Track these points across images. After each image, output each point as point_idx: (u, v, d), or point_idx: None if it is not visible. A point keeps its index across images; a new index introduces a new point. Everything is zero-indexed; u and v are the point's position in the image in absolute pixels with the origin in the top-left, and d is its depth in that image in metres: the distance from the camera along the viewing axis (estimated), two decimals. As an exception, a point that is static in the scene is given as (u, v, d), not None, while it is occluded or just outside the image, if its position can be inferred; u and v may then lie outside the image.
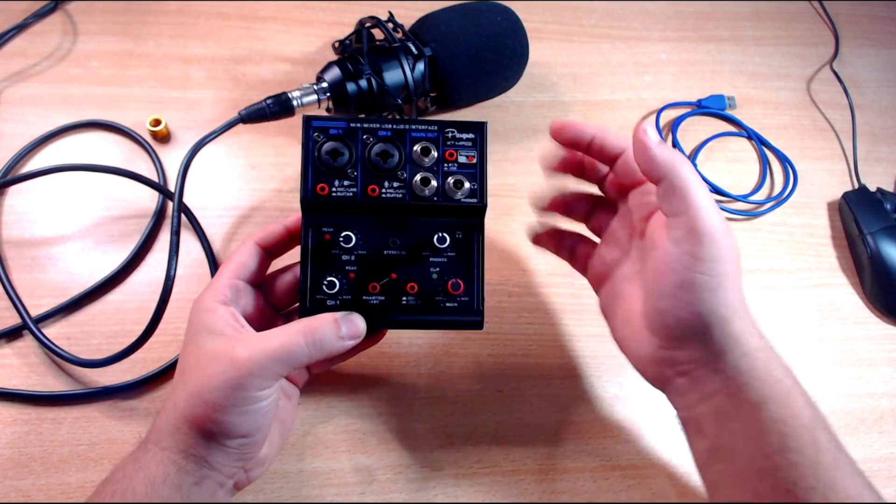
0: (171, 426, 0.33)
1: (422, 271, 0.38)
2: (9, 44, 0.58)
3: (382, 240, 0.38)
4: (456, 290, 0.37)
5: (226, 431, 0.32)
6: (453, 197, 0.37)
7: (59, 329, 0.46)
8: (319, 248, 0.37)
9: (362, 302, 0.37)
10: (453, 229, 0.38)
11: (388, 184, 0.37)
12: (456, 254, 0.38)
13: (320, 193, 0.37)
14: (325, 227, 0.37)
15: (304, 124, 0.37)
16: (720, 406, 0.34)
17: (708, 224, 0.32)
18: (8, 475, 0.40)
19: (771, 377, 0.33)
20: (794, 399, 0.33)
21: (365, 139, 0.37)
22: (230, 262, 0.38)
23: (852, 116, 0.62)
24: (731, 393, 0.33)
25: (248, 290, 0.38)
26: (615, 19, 0.66)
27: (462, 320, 0.38)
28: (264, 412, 0.33)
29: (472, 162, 0.38)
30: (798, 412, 0.32)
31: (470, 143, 0.38)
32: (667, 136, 0.59)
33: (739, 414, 0.33)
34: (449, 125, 0.38)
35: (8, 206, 0.50)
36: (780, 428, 0.32)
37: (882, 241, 0.52)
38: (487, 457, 0.43)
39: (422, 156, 0.37)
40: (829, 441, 0.32)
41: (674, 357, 0.34)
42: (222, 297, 0.36)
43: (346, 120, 0.37)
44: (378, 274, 0.37)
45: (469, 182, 0.37)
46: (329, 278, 0.37)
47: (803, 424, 0.32)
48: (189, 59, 0.58)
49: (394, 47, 0.50)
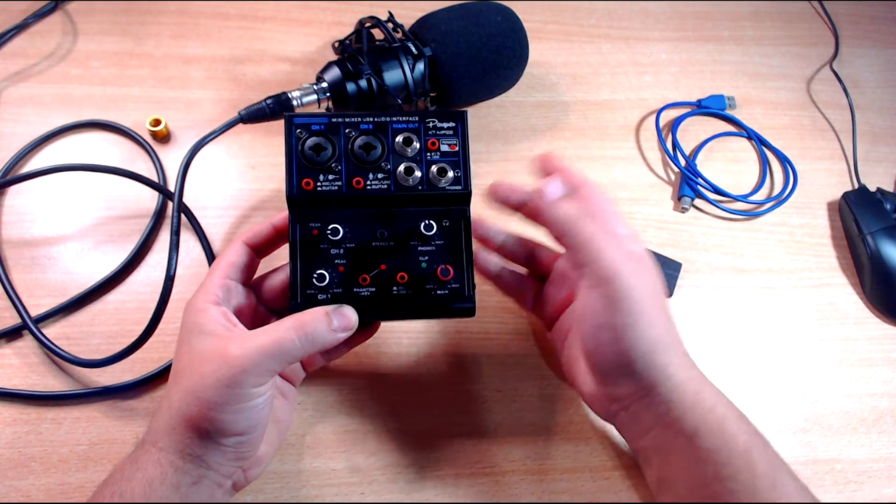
0: (167, 426, 0.33)
1: (411, 260, 0.38)
2: (9, 44, 0.58)
3: (370, 231, 0.38)
4: (445, 275, 0.38)
5: (222, 430, 0.33)
6: (438, 185, 0.38)
7: (59, 329, 0.46)
8: (307, 243, 0.37)
9: (353, 294, 0.37)
10: (440, 217, 0.38)
11: (373, 175, 0.38)
12: (444, 241, 0.38)
13: (305, 188, 0.37)
14: (313, 221, 0.38)
15: (285, 122, 0.37)
16: (658, 439, 0.35)
17: (612, 270, 0.34)
18: (8, 475, 0.40)
19: (702, 407, 0.34)
20: (727, 426, 0.34)
21: (347, 133, 0.38)
22: (220, 262, 0.38)
23: (852, 116, 0.62)
24: (667, 425, 0.35)
25: (240, 290, 0.38)
26: (615, 19, 0.66)
27: (454, 307, 0.38)
28: (259, 409, 0.34)
29: (455, 150, 0.38)
30: (731, 439, 0.33)
31: (451, 132, 0.38)
32: (667, 137, 0.59)
33: (675, 446, 0.34)
34: (430, 115, 0.38)
35: (8, 206, 0.50)
36: (714, 457, 0.33)
37: (882, 241, 0.52)
38: (487, 457, 0.43)
39: (404, 146, 0.38)
40: (767, 464, 0.33)
41: (612, 393, 0.36)
42: (214, 298, 0.36)
43: (328, 115, 0.38)
44: (367, 266, 0.37)
45: (452, 170, 0.38)
46: (319, 272, 0.37)
47: (737, 451, 0.33)
48: (189, 59, 0.58)
49: (394, 47, 0.50)
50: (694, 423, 0.34)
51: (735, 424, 0.34)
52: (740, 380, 0.48)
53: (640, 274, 0.34)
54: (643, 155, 0.58)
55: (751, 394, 0.48)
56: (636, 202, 0.55)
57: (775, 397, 0.48)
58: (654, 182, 0.57)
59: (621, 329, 0.34)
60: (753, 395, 0.47)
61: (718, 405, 0.35)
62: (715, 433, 0.33)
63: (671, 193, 0.56)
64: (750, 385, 0.48)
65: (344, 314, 0.35)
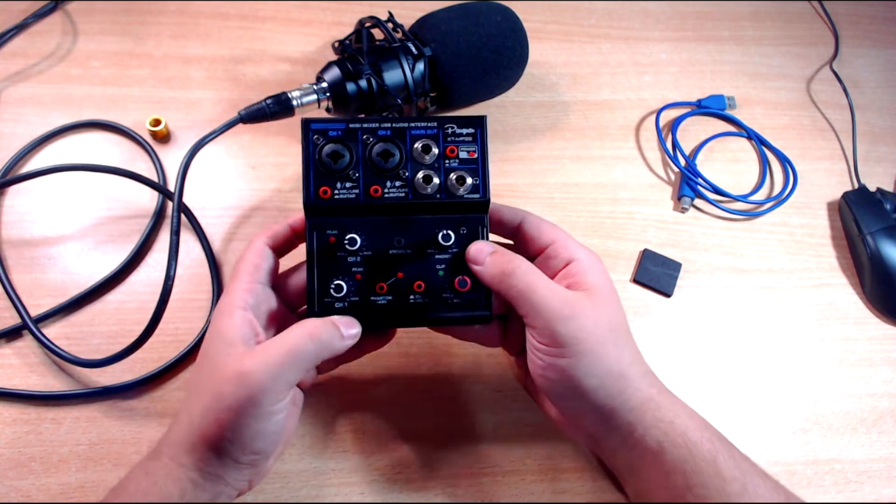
0: (187, 442, 0.33)
1: (428, 269, 0.38)
2: (9, 44, 0.58)
3: (387, 239, 0.38)
4: (463, 286, 0.38)
5: (241, 449, 0.33)
6: (456, 193, 0.37)
7: (59, 329, 0.46)
8: (325, 251, 0.37)
9: (370, 303, 0.37)
10: (458, 225, 0.38)
11: (391, 183, 0.37)
12: (461, 250, 0.38)
13: (323, 197, 0.37)
14: (330, 229, 0.37)
15: (302, 127, 0.37)
16: (626, 458, 0.36)
17: (548, 322, 0.34)
18: (8, 475, 0.40)
19: (662, 423, 0.35)
20: (690, 437, 0.34)
21: (365, 139, 0.37)
22: (245, 266, 0.37)
23: (852, 116, 0.62)
24: (631, 446, 0.36)
25: (268, 293, 0.37)
26: (615, 19, 0.66)
27: (471, 315, 0.38)
28: (278, 426, 0.34)
29: (474, 157, 0.38)
30: (696, 449, 0.34)
31: (470, 139, 0.38)
32: (667, 137, 0.59)
33: (644, 463, 0.35)
34: (448, 121, 0.38)
35: (8, 206, 0.50)
36: (682, 467, 0.34)
37: (882, 241, 0.52)
38: (488, 457, 0.43)
39: (423, 153, 0.37)
40: (735, 468, 0.34)
41: (576, 422, 0.37)
42: (242, 303, 0.35)
43: (346, 121, 0.37)
44: (384, 274, 0.37)
45: (471, 177, 0.37)
46: (336, 281, 0.37)
47: (703, 458, 0.34)
48: (189, 59, 0.58)
49: (394, 47, 0.50)
50: (657, 440, 0.35)
51: (698, 434, 0.35)
52: (740, 380, 0.48)
53: (579, 317, 0.35)
54: (643, 155, 0.58)
55: (751, 394, 0.48)
56: (636, 202, 0.55)
57: (775, 397, 0.48)
58: (654, 182, 0.57)
59: (566, 369, 0.34)
60: (753, 396, 0.47)
61: (678, 417, 0.35)
62: (679, 446, 0.34)
63: (671, 193, 0.56)
64: (750, 385, 0.48)
65: (350, 320, 0.36)
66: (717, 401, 0.47)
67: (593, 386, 0.35)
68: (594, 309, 0.35)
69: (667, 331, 0.50)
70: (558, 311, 0.34)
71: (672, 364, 0.48)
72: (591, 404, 0.35)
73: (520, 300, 0.35)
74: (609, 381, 0.35)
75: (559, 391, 0.36)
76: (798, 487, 0.44)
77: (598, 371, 0.35)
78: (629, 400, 0.35)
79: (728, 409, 0.47)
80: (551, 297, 0.35)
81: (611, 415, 0.35)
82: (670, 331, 0.50)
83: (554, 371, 0.35)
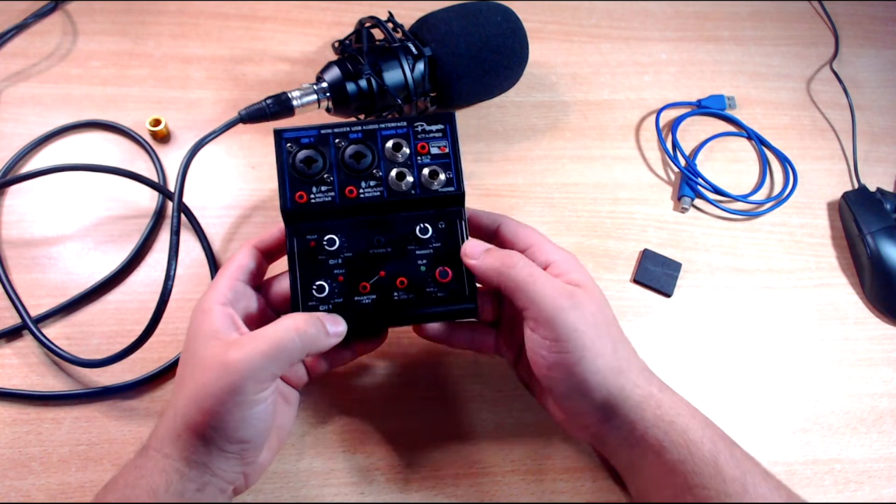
0: (172, 433, 0.33)
1: (409, 265, 0.38)
2: (9, 44, 0.58)
3: (367, 239, 0.38)
4: (444, 277, 0.38)
5: (226, 437, 0.33)
6: (430, 188, 0.38)
7: (58, 329, 0.46)
8: (305, 255, 0.38)
9: (354, 303, 0.37)
10: (435, 220, 0.39)
11: (365, 184, 0.38)
12: (441, 244, 0.38)
13: (299, 202, 0.37)
14: (309, 233, 0.38)
15: (275, 137, 0.38)
16: (628, 457, 0.37)
17: (550, 312, 0.34)
18: (8, 475, 0.40)
19: (663, 422, 0.35)
20: (690, 436, 0.35)
21: (337, 143, 0.38)
22: (229, 265, 0.38)
23: (852, 116, 0.62)
24: (633, 444, 0.36)
25: (249, 292, 0.38)
26: (615, 19, 0.66)
27: (456, 309, 0.38)
28: (262, 415, 0.34)
29: (445, 152, 0.39)
30: (696, 447, 0.34)
31: (440, 134, 0.39)
32: (667, 137, 0.59)
33: (645, 462, 0.35)
34: (417, 119, 0.39)
35: (8, 206, 0.50)
36: (682, 467, 0.34)
37: (882, 241, 0.52)
38: (487, 457, 0.43)
39: (394, 152, 0.38)
40: (735, 467, 0.34)
41: (579, 420, 0.37)
42: (222, 298, 0.36)
43: (316, 127, 0.38)
44: (366, 273, 0.38)
45: (444, 172, 0.38)
46: (318, 283, 0.37)
47: (703, 458, 0.34)
48: (189, 59, 0.58)
49: (394, 47, 0.50)
50: (658, 438, 0.35)
51: (699, 433, 0.35)
52: (741, 380, 0.48)
53: (579, 307, 0.35)
54: (643, 155, 0.58)
55: (751, 394, 0.48)
56: (636, 202, 0.55)
57: (775, 397, 0.48)
58: (654, 182, 0.57)
59: (571, 365, 0.34)
60: (754, 396, 0.47)
61: (679, 416, 0.35)
62: (679, 445, 0.34)
63: (671, 193, 0.56)
64: (750, 385, 0.48)
65: (336, 318, 0.36)
66: (718, 401, 0.47)
67: (597, 383, 0.35)
68: (591, 301, 0.36)
69: (667, 331, 0.50)
70: (559, 300, 0.35)
71: (672, 364, 0.48)
72: (594, 402, 0.35)
73: (520, 292, 0.35)
74: (611, 376, 0.35)
75: (564, 390, 0.36)
76: (798, 487, 0.44)
77: (602, 365, 0.35)
78: (630, 397, 0.35)
79: (728, 409, 0.47)
80: (551, 287, 0.35)
81: (613, 412, 0.36)
82: (670, 331, 0.50)
83: (558, 370, 0.35)
